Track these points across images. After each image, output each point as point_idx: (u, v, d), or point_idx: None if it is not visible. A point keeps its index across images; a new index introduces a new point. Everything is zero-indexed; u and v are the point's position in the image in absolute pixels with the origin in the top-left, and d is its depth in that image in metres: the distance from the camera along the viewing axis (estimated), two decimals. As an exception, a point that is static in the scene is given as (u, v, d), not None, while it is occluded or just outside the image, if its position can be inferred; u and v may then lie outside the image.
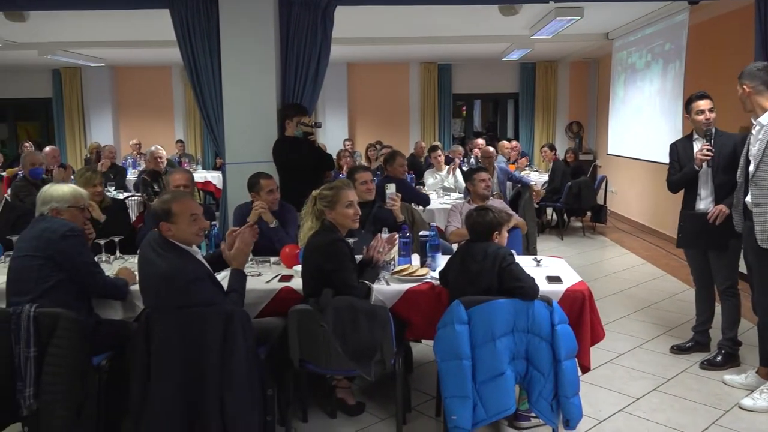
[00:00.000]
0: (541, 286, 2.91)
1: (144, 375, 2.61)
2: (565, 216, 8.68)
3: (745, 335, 4.13)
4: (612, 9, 7.05)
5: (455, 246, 4.34)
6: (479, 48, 9.89)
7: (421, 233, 3.60)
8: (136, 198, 6.73)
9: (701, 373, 3.85)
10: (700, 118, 3.84)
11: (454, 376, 2.71)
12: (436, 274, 3.26)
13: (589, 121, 11.71)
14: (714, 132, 3.78)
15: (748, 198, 3.41)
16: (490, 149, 7.52)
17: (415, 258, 3.60)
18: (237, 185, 4.65)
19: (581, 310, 3.04)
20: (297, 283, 3.19)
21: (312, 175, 4.60)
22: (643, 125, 7.88)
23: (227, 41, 4.97)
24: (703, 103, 3.83)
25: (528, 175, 8.42)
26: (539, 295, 2.79)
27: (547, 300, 2.80)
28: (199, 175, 9.16)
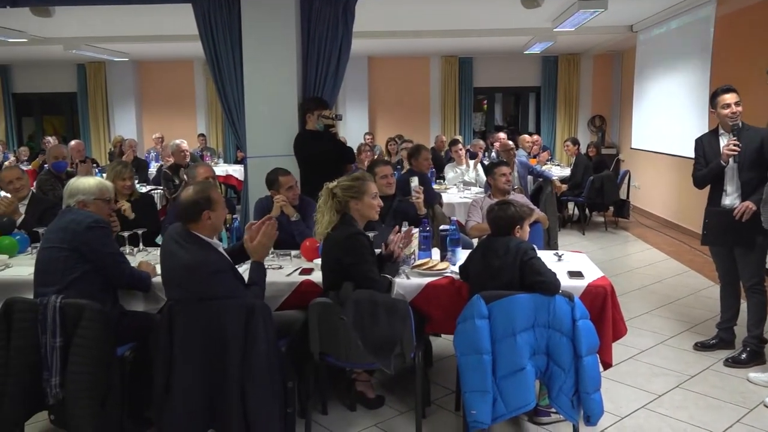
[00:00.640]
0: (563, 281, 2.89)
1: (167, 366, 2.64)
2: (587, 211, 8.59)
3: (771, 333, 4.06)
4: (637, 0, 6.94)
5: (475, 241, 4.33)
6: (501, 41, 9.81)
7: (442, 227, 3.59)
8: (159, 191, 6.81)
9: (725, 371, 3.80)
10: (725, 111, 3.74)
11: (474, 370, 2.71)
12: (456, 268, 3.25)
13: (613, 115, 11.55)
14: (741, 126, 3.70)
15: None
16: (509, 142, 7.46)
17: (436, 252, 3.60)
18: (258, 179, 4.68)
19: (603, 305, 3.01)
20: (317, 277, 3.21)
21: (333, 169, 4.60)
22: (669, 119, 7.75)
23: (249, 35, 4.99)
24: (729, 97, 3.74)
25: (549, 169, 8.34)
26: (560, 291, 2.78)
27: (569, 295, 2.78)
28: (221, 169, 9.25)
